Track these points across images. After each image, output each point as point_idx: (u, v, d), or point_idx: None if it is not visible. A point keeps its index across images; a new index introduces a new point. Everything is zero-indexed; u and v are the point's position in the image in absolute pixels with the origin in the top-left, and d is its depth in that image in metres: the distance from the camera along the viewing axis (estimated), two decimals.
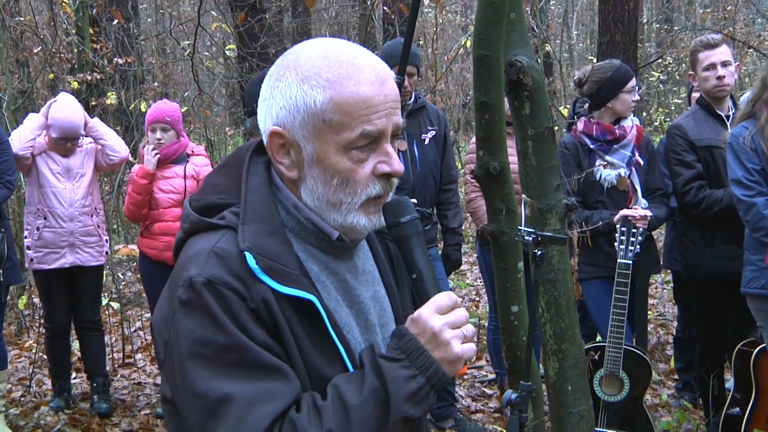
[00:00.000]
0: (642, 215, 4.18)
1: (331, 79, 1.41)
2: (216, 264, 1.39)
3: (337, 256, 1.54)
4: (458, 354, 1.40)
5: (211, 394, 1.34)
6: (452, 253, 5.04)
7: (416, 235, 1.49)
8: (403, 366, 1.38)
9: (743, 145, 3.93)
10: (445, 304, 1.43)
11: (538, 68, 2.92)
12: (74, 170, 5.36)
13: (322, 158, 1.44)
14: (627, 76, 4.39)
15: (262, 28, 9.86)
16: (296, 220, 1.50)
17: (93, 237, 5.39)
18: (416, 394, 1.38)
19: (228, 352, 1.35)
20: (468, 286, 9.02)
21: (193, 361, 1.36)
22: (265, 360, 1.37)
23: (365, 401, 1.36)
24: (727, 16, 14.63)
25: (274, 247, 1.42)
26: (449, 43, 15.62)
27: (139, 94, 10.68)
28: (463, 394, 5.64)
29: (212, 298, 1.36)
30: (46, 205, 5.29)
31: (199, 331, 1.36)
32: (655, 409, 5.21)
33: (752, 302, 4.03)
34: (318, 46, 1.47)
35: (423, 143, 4.84)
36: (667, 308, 7.51)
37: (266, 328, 1.39)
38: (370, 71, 1.43)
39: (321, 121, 1.42)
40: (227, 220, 1.46)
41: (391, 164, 1.45)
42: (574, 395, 3.01)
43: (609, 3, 7.51)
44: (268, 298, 1.38)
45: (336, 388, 1.39)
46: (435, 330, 1.40)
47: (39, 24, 10.34)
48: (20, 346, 6.97)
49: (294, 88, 1.43)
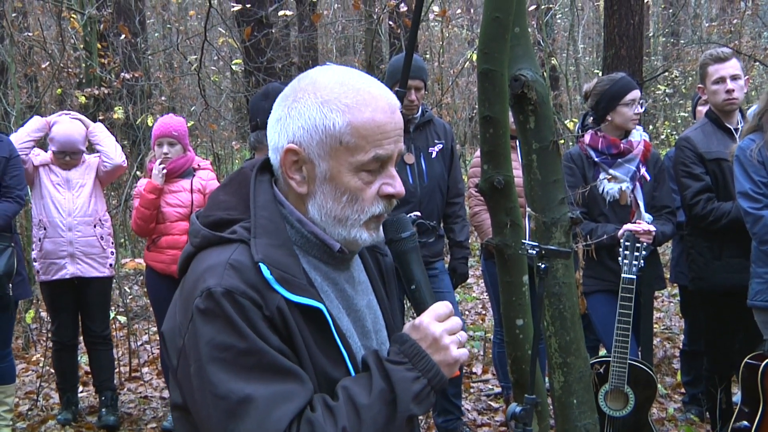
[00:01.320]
0: (646, 230, 4.18)
1: (350, 104, 1.54)
2: (233, 275, 1.49)
3: (336, 267, 1.66)
4: (456, 357, 1.56)
5: (232, 395, 1.44)
6: (459, 266, 5.04)
7: (414, 249, 1.63)
8: (408, 368, 1.53)
9: (750, 157, 3.93)
10: (443, 312, 1.58)
11: (542, 82, 2.93)
12: (74, 181, 5.44)
13: (335, 176, 1.56)
14: (625, 89, 4.39)
15: (269, 42, 9.91)
16: (300, 234, 1.62)
17: (95, 248, 5.40)
18: (420, 394, 1.52)
19: (247, 356, 1.46)
20: (474, 299, 9.01)
21: (213, 366, 1.46)
22: (282, 363, 1.48)
23: (374, 401, 1.49)
24: (733, 30, 14.62)
25: (284, 258, 1.53)
26: (455, 57, 15.65)
27: (146, 109, 10.72)
28: (470, 408, 5.63)
29: (231, 307, 1.47)
30: (46, 215, 5.36)
31: (219, 337, 1.47)
32: (662, 422, 5.19)
33: (759, 315, 4.02)
34: (335, 74, 1.59)
35: (430, 157, 4.86)
36: (674, 321, 7.49)
37: (280, 334, 1.50)
38: (383, 101, 1.56)
39: (338, 142, 1.54)
40: (239, 234, 1.56)
41: (395, 186, 1.59)
42: (579, 409, 3.00)
43: (614, 17, 7.52)
44: (281, 307, 1.49)
45: (346, 389, 1.51)
46: (436, 336, 1.55)
47: (47, 39, 10.42)
48: (27, 360, 6.99)
49: (314, 110, 1.55)
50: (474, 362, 6.63)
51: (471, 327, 7.60)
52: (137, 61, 10.97)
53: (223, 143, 12.11)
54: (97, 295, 5.50)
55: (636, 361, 4.09)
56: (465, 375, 6.15)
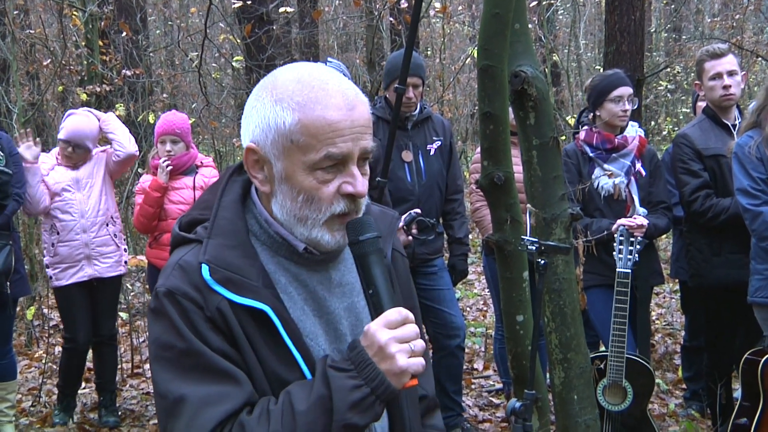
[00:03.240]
0: (639, 224, 4.20)
1: (300, 102, 1.50)
2: (178, 276, 1.52)
3: (310, 268, 1.63)
4: (402, 367, 1.46)
5: (169, 395, 1.48)
6: (458, 263, 5.04)
7: (375, 252, 1.55)
8: (350, 376, 1.47)
9: (749, 154, 3.93)
10: (394, 319, 1.49)
11: (542, 78, 2.93)
12: (83, 180, 5.33)
13: (290, 176, 1.53)
14: (611, 85, 4.40)
15: (270, 39, 9.90)
16: (267, 234, 1.61)
17: (110, 247, 5.35)
18: (360, 403, 1.46)
19: (186, 356, 1.49)
20: (475, 296, 9.02)
21: (157, 364, 1.52)
22: (219, 365, 1.49)
23: (311, 407, 1.45)
24: (735, 25, 14.60)
25: (236, 260, 1.53)
26: (456, 53, 15.65)
27: (147, 106, 10.73)
28: (471, 404, 5.64)
29: (172, 307, 1.50)
30: (58, 219, 5.25)
31: (163, 337, 1.51)
32: (663, 418, 5.20)
33: (759, 311, 4.03)
34: (295, 70, 1.56)
35: (428, 154, 4.86)
36: (675, 317, 7.49)
37: (223, 335, 1.51)
38: (339, 97, 1.51)
39: (289, 141, 1.51)
40: (198, 234, 1.59)
41: (354, 186, 1.53)
42: (579, 404, 3.01)
43: (615, 13, 7.50)
44: (222, 308, 1.50)
45: (288, 394, 1.49)
46: (381, 344, 1.47)
47: (49, 37, 10.41)
48: (30, 357, 7.00)
49: (268, 108, 1.53)
50: (475, 358, 6.65)
51: (472, 323, 7.61)
52: (138, 58, 10.98)
53: (224, 140, 12.11)
54: (110, 294, 5.46)
55: (633, 355, 4.10)
56: (466, 371, 6.16)
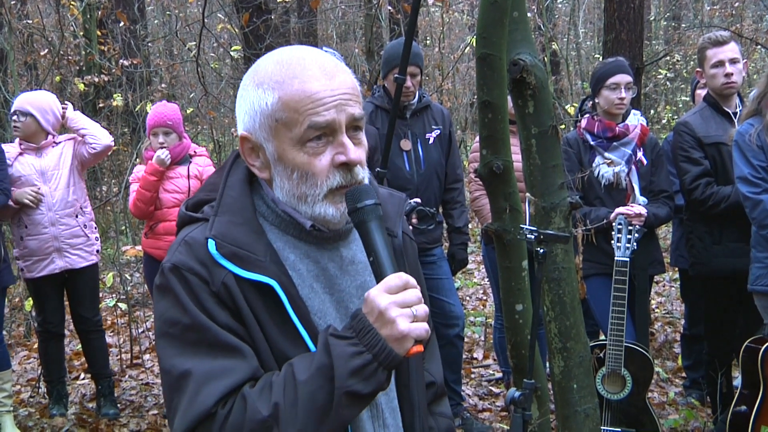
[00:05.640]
0: (637, 213, 4.19)
1: (279, 80, 1.51)
2: (184, 251, 1.53)
3: (320, 246, 1.62)
4: (403, 332, 1.43)
5: (174, 370, 1.49)
6: (458, 252, 5.04)
7: (375, 219, 1.52)
8: (351, 343, 1.45)
9: (749, 142, 3.92)
10: (394, 284, 1.46)
11: (541, 67, 2.91)
12: (48, 172, 5.22)
13: (282, 155, 1.54)
14: (609, 72, 4.40)
15: (268, 29, 9.87)
16: (275, 214, 1.61)
17: (80, 238, 5.28)
18: (362, 369, 1.43)
19: (191, 331, 1.49)
20: (475, 285, 9.02)
21: (163, 340, 1.52)
22: (224, 339, 1.48)
23: (312, 377, 1.44)
24: (734, 13, 14.58)
25: (243, 236, 1.53)
26: (456, 42, 15.61)
27: (145, 96, 10.70)
28: (470, 393, 5.64)
29: (177, 282, 1.50)
30: (26, 213, 5.15)
31: (168, 313, 1.51)
32: (663, 406, 5.20)
33: (759, 299, 4.02)
34: (275, 54, 1.58)
35: (427, 143, 4.84)
36: (675, 306, 7.50)
37: (229, 310, 1.50)
38: (315, 68, 1.52)
39: (274, 120, 1.52)
40: (205, 213, 1.59)
41: (347, 154, 1.52)
42: (579, 393, 3.00)
43: (614, 1, 7.48)
44: (228, 283, 1.50)
45: (290, 365, 1.48)
46: (381, 308, 1.44)
47: (46, 27, 10.39)
48: (29, 348, 7.00)
49: (251, 94, 1.55)
50: (475, 348, 6.65)
51: (472, 313, 7.61)
52: (137, 48, 10.95)
53: (223, 130, 12.09)
54: (86, 282, 5.40)
55: (632, 344, 4.10)
56: (466, 360, 6.17)
